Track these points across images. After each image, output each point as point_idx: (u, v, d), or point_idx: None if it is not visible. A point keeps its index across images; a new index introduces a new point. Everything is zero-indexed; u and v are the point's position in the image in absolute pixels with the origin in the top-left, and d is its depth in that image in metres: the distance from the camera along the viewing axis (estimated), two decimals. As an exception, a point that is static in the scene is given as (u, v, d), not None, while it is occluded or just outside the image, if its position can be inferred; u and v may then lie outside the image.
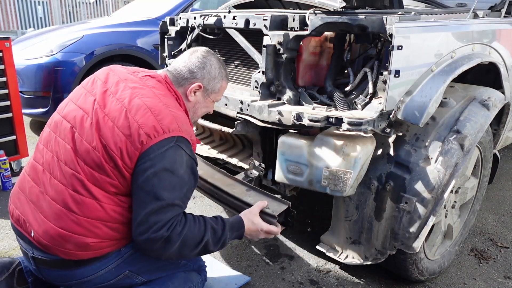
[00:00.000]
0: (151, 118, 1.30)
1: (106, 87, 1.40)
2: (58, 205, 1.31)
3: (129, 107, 1.31)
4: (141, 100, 1.33)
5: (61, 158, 1.34)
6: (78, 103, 1.41)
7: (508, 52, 2.13)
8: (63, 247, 1.31)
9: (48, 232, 1.31)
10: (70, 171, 1.31)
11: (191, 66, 1.51)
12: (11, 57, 2.95)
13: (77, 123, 1.35)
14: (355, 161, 1.56)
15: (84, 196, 1.30)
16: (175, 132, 1.31)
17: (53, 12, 14.32)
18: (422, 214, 1.60)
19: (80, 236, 1.30)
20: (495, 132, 2.27)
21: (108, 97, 1.36)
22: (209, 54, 1.57)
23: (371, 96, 1.63)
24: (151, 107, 1.32)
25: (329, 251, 1.90)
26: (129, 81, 1.41)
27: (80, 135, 1.33)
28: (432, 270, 1.91)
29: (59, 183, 1.32)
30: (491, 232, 2.46)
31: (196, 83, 1.51)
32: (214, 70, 1.55)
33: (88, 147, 1.30)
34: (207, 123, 2.14)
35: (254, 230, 1.51)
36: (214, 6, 4.88)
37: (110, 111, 1.32)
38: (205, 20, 2.10)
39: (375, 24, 1.57)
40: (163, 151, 1.28)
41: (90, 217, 1.30)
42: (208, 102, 1.61)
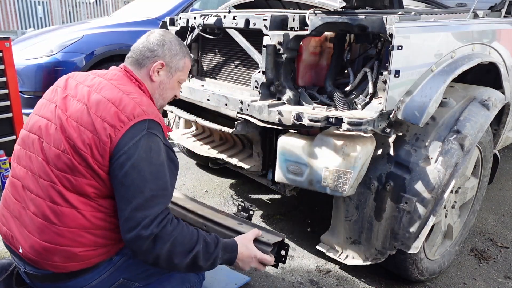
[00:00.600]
0: (112, 109, 1.26)
1: (66, 93, 1.37)
2: (39, 219, 1.28)
3: (90, 104, 1.29)
4: (100, 94, 1.31)
5: (35, 172, 1.32)
6: (41, 113, 1.38)
7: (508, 52, 2.13)
8: (50, 260, 1.28)
9: (34, 247, 1.28)
10: (45, 183, 1.28)
11: (150, 45, 1.46)
12: (11, 57, 2.95)
13: (43, 132, 1.33)
14: (355, 161, 1.56)
15: (62, 206, 1.26)
16: (141, 116, 1.26)
17: (53, 12, 14.32)
18: (422, 214, 1.60)
19: (65, 248, 1.27)
20: (495, 132, 2.27)
21: (69, 101, 1.34)
22: (166, 33, 1.52)
23: (371, 96, 1.63)
24: (111, 99, 1.29)
25: (329, 251, 1.91)
26: (87, 81, 1.39)
27: (48, 143, 1.30)
28: (432, 270, 1.91)
29: (36, 197, 1.29)
30: (491, 232, 2.46)
31: (159, 61, 1.45)
32: (175, 47, 1.49)
33: (57, 152, 1.27)
34: (207, 123, 2.14)
35: (247, 255, 1.42)
36: (214, 6, 4.88)
37: (72, 113, 1.30)
38: (205, 20, 2.10)
39: (375, 24, 1.57)
40: (136, 141, 1.24)
41: (72, 227, 1.27)
42: (174, 82, 1.54)
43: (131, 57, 1.48)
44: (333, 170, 1.58)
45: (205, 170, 3.26)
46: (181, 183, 3.03)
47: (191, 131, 2.59)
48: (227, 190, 2.94)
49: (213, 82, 2.26)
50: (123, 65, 1.48)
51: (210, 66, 2.34)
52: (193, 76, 2.41)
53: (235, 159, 2.19)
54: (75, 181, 1.26)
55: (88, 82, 1.39)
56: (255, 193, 2.88)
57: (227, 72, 2.21)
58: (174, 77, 1.52)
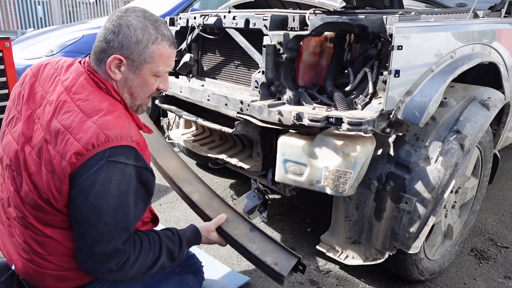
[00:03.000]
0: (69, 141, 1.08)
1: (31, 109, 1.20)
2: (24, 244, 1.22)
3: (49, 137, 1.12)
4: (58, 121, 1.12)
5: (11, 201, 1.24)
6: (12, 132, 1.24)
7: (508, 52, 2.13)
8: (43, 281, 1.25)
9: (25, 269, 1.24)
10: (20, 214, 1.21)
11: (106, 33, 1.16)
12: (11, 57, 2.95)
13: (13, 160, 1.21)
14: (355, 161, 1.56)
15: (42, 236, 1.19)
16: (103, 146, 1.07)
17: (53, 12, 14.32)
18: (422, 214, 1.60)
19: (55, 272, 1.22)
20: (495, 132, 2.27)
21: (33, 124, 1.18)
22: (127, 13, 1.17)
23: (371, 96, 1.63)
24: (69, 127, 1.09)
25: (329, 251, 1.91)
26: (50, 92, 1.19)
27: (18, 175, 1.19)
28: (432, 270, 1.91)
29: (17, 224, 1.23)
30: (491, 232, 2.46)
31: (113, 55, 1.16)
32: (134, 32, 1.15)
33: (26, 189, 1.17)
34: (207, 123, 2.14)
35: (207, 243, 1.55)
36: (214, 6, 4.88)
37: (35, 145, 1.15)
38: (205, 20, 2.10)
39: (375, 24, 1.57)
40: (92, 173, 1.06)
41: (57, 255, 1.21)
42: (145, 77, 1.22)
43: (93, 50, 1.20)
44: (333, 170, 1.58)
45: (205, 170, 3.26)
46: (181, 183, 3.03)
47: (191, 131, 2.59)
48: (227, 190, 2.94)
49: (213, 82, 2.26)
50: (87, 62, 1.23)
51: (210, 66, 2.34)
52: (193, 76, 2.41)
53: (235, 159, 2.19)
54: (46, 218, 1.18)
55: (51, 94, 1.19)
56: (255, 193, 2.88)
57: (227, 72, 2.21)
58: (143, 71, 1.21)
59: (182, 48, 2.39)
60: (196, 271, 1.63)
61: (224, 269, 1.98)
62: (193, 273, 1.61)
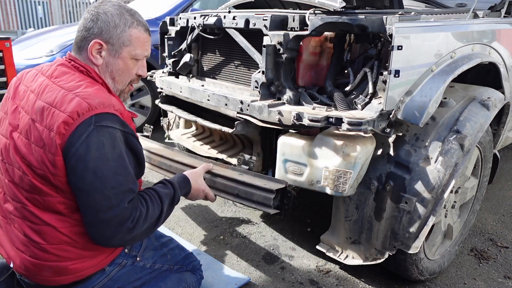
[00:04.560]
0: (55, 114, 1.14)
1: (15, 104, 1.27)
2: (23, 236, 1.25)
3: (35, 116, 1.17)
4: (42, 101, 1.18)
5: (7, 193, 1.28)
6: (0, 131, 1.31)
7: (508, 52, 2.13)
8: (40, 275, 1.26)
9: (23, 263, 1.26)
10: (18, 205, 1.24)
11: (85, 22, 1.26)
12: (11, 57, 2.95)
13: (4, 153, 1.26)
14: (355, 161, 1.56)
15: (40, 225, 1.22)
16: (88, 113, 1.12)
17: (53, 12, 14.32)
18: (422, 214, 1.60)
19: (53, 263, 1.24)
20: (495, 132, 2.27)
21: (19, 114, 1.24)
22: (103, 3, 1.28)
23: (371, 96, 1.63)
24: (52, 102, 1.16)
25: (329, 251, 1.91)
26: (33, 84, 1.26)
27: (10, 165, 1.23)
28: (432, 270, 1.91)
29: (15, 217, 1.26)
30: (491, 232, 2.46)
31: (93, 40, 1.25)
32: (112, 18, 1.26)
33: (19, 174, 1.20)
34: (207, 123, 2.14)
35: (196, 189, 1.51)
36: (214, 6, 4.88)
37: (22, 129, 1.20)
38: (205, 20, 2.10)
39: (375, 24, 1.57)
40: (84, 140, 1.11)
41: (55, 243, 1.23)
42: (125, 61, 1.31)
43: (74, 41, 1.30)
44: (333, 170, 1.58)
45: (205, 170, 3.26)
46: (181, 183, 3.03)
47: (191, 131, 2.59)
48: (227, 190, 2.94)
49: (213, 82, 2.26)
50: (68, 53, 1.32)
51: (210, 66, 2.34)
52: (193, 76, 2.41)
53: (235, 159, 2.19)
54: (44, 201, 1.20)
55: (32, 85, 1.26)
56: (255, 193, 2.88)
57: (227, 72, 2.21)
58: (122, 54, 1.30)
59: (182, 48, 2.39)
60: (194, 269, 1.64)
61: (224, 269, 1.98)
62: (191, 271, 1.62)
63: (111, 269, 1.36)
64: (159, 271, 1.50)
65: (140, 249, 1.45)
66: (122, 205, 1.18)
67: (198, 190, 1.53)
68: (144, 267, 1.45)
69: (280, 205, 1.49)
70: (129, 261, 1.41)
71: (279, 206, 1.49)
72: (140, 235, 1.27)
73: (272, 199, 1.46)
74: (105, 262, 1.34)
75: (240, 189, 1.54)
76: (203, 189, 1.53)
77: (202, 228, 2.38)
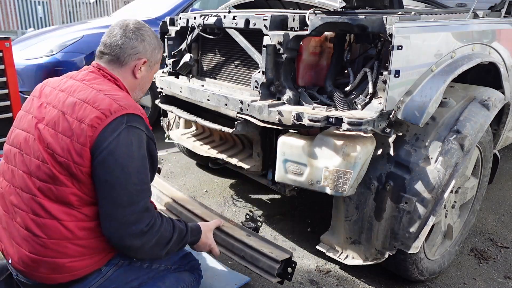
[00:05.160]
0: (88, 109, 1.24)
1: (41, 101, 1.36)
2: (24, 231, 1.28)
3: (65, 109, 1.27)
4: (74, 97, 1.29)
5: (17, 185, 1.31)
6: (20, 126, 1.37)
7: (508, 52, 2.13)
8: (38, 272, 1.27)
9: (22, 259, 1.28)
10: (27, 195, 1.27)
11: (131, 42, 1.42)
12: (11, 57, 2.95)
13: (22, 145, 1.32)
14: (355, 161, 1.56)
15: (44, 218, 1.25)
16: (119, 112, 1.24)
17: (53, 12, 14.31)
18: (422, 214, 1.60)
19: (51, 259, 1.26)
20: (495, 132, 2.27)
21: (45, 109, 1.32)
22: (142, 25, 1.48)
23: (371, 96, 1.63)
24: (85, 99, 1.27)
25: (329, 251, 1.91)
26: (61, 85, 1.37)
27: (28, 155, 1.29)
28: (432, 270, 1.91)
29: (19, 210, 1.29)
30: (491, 232, 2.46)
31: (142, 59, 1.45)
32: (153, 40, 1.48)
33: (37, 163, 1.26)
34: (207, 123, 2.14)
35: (204, 242, 1.57)
36: (214, 6, 4.88)
37: (49, 121, 1.28)
38: (205, 20, 2.10)
39: (375, 24, 1.57)
40: (116, 136, 1.22)
41: (56, 238, 1.25)
42: (152, 74, 1.56)
43: (109, 54, 1.42)
44: (333, 170, 1.58)
45: (205, 170, 3.26)
46: (181, 183, 3.03)
47: (191, 131, 2.59)
48: (227, 190, 2.94)
49: (213, 82, 2.26)
50: (95, 63, 1.44)
51: (210, 66, 2.34)
52: (193, 76, 2.41)
53: (235, 159, 2.19)
54: (57, 190, 1.24)
55: (62, 86, 1.36)
56: (255, 193, 2.88)
57: (227, 72, 2.21)
58: (153, 69, 1.54)
59: (182, 48, 2.39)
60: (192, 268, 1.64)
61: (224, 269, 1.98)
62: (189, 271, 1.62)
63: (107, 269, 1.37)
64: (156, 270, 1.50)
65: None
66: (142, 204, 1.27)
67: (205, 244, 1.58)
68: (141, 267, 1.45)
69: (283, 274, 1.53)
70: (126, 261, 1.41)
71: (281, 275, 1.53)
72: (148, 249, 1.32)
73: (276, 269, 1.50)
74: (102, 262, 1.35)
75: (247, 252, 1.58)
76: (210, 243, 1.59)
77: (202, 228, 2.38)
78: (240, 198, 2.80)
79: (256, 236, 1.69)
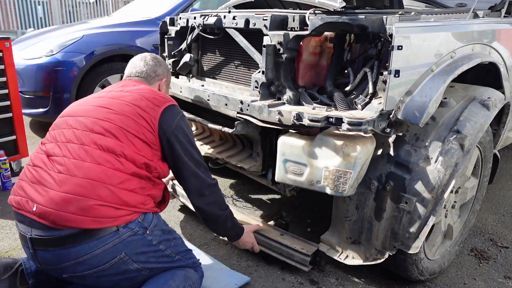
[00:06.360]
0: (152, 94, 1.66)
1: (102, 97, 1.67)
2: (62, 175, 1.40)
3: (136, 96, 1.63)
4: (138, 93, 1.66)
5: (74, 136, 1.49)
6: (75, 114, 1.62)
7: (508, 52, 2.13)
8: (65, 210, 1.35)
9: (52, 199, 1.36)
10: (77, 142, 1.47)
11: (153, 68, 1.88)
12: (11, 57, 2.94)
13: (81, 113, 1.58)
14: (355, 161, 1.56)
15: (88, 162, 1.42)
16: (172, 101, 1.68)
17: (53, 12, 14.31)
18: (422, 214, 1.60)
19: (82, 197, 1.37)
20: (495, 132, 2.27)
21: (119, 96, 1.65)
22: (155, 56, 1.94)
23: (371, 96, 1.63)
24: (148, 90, 1.69)
25: (329, 251, 1.90)
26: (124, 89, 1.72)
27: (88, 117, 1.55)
28: (432, 270, 1.91)
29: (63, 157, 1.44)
30: (491, 232, 2.46)
31: (164, 79, 1.93)
32: (166, 65, 1.96)
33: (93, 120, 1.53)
34: (207, 123, 2.14)
35: (247, 240, 1.98)
36: (214, 6, 4.88)
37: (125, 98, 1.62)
38: (205, 20, 2.10)
39: (375, 24, 1.57)
40: (180, 117, 1.67)
41: (92, 179, 1.40)
42: (168, 89, 2.04)
43: (139, 76, 1.85)
44: (333, 170, 1.58)
45: (205, 170, 3.26)
46: (181, 183, 3.03)
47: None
48: (227, 190, 2.94)
49: (213, 82, 2.26)
50: (131, 80, 1.83)
51: (210, 66, 2.34)
52: (193, 76, 2.41)
53: (235, 159, 2.19)
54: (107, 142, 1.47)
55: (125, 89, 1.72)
56: (255, 193, 2.88)
57: (227, 72, 2.21)
58: (169, 85, 2.04)
59: (182, 48, 2.39)
60: (194, 265, 1.70)
61: (224, 269, 1.98)
62: (193, 268, 1.68)
63: (124, 231, 1.44)
64: (162, 254, 1.55)
65: (151, 224, 1.53)
66: (203, 165, 1.73)
67: (248, 241, 1.98)
68: (151, 243, 1.52)
69: (313, 261, 1.94)
70: (140, 230, 1.48)
71: (312, 263, 1.93)
72: (213, 204, 1.76)
73: (308, 261, 1.89)
74: (123, 220, 1.43)
75: (283, 250, 1.96)
76: (252, 242, 1.99)
77: (202, 228, 2.38)
78: (240, 198, 2.80)
79: (288, 235, 2.05)
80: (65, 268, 1.40)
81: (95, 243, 1.38)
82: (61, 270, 1.42)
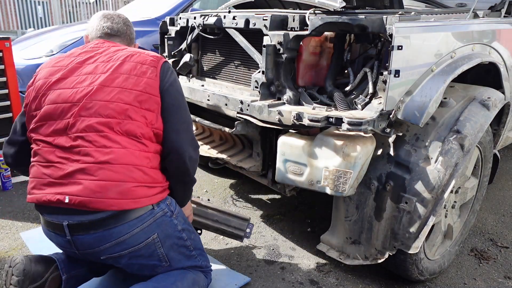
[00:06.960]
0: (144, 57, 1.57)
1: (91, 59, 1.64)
2: (90, 165, 1.40)
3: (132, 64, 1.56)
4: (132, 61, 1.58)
5: (75, 131, 1.45)
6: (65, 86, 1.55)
7: (508, 52, 2.13)
8: (105, 196, 1.38)
9: (88, 187, 1.38)
10: (92, 130, 1.44)
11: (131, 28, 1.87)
12: (11, 57, 2.95)
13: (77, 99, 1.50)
14: (355, 161, 1.56)
15: (112, 148, 1.42)
16: (161, 56, 1.62)
17: (53, 12, 14.31)
18: (422, 214, 1.60)
19: (119, 182, 1.40)
20: (495, 132, 2.27)
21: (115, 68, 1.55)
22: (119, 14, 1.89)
23: (371, 96, 1.63)
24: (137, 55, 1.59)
25: (329, 251, 1.91)
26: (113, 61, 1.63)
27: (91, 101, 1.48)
28: (432, 270, 1.91)
29: (83, 148, 1.42)
30: (491, 232, 2.46)
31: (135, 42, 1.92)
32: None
33: (103, 103, 1.47)
34: (207, 123, 2.14)
35: (189, 208, 1.87)
36: (214, 6, 4.88)
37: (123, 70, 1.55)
38: (205, 20, 2.10)
39: (375, 24, 1.57)
40: (171, 73, 1.59)
41: (123, 163, 1.42)
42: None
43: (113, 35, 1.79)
44: (333, 170, 1.58)
45: (205, 170, 3.26)
46: (181, 183, 3.03)
47: (191, 131, 2.59)
48: (227, 190, 2.94)
49: (213, 82, 2.26)
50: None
51: (210, 66, 2.34)
52: (193, 76, 2.41)
53: (235, 159, 2.19)
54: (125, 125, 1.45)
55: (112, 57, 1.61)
56: (255, 193, 2.88)
57: (227, 72, 2.21)
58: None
59: (182, 48, 2.39)
60: (206, 270, 1.72)
61: (224, 269, 1.98)
62: (204, 273, 1.71)
63: (157, 210, 1.49)
64: (183, 243, 1.60)
65: (175, 209, 1.59)
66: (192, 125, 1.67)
67: (188, 208, 1.85)
68: (176, 227, 1.56)
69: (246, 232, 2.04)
70: (169, 212, 1.54)
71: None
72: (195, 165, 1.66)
73: (246, 225, 2.02)
74: (156, 198, 1.49)
75: (220, 216, 2.06)
76: (191, 209, 1.90)
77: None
78: (240, 198, 2.80)
79: (224, 209, 2.11)
80: (105, 250, 1.44)
81: (134, 222, 1.43)
82: (100, 252, 1.45)
